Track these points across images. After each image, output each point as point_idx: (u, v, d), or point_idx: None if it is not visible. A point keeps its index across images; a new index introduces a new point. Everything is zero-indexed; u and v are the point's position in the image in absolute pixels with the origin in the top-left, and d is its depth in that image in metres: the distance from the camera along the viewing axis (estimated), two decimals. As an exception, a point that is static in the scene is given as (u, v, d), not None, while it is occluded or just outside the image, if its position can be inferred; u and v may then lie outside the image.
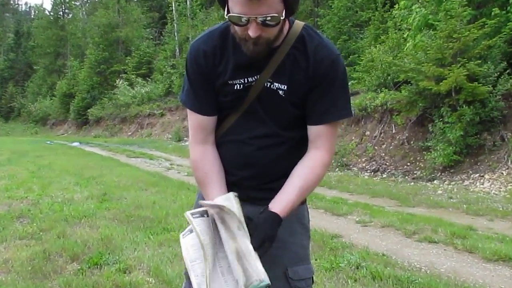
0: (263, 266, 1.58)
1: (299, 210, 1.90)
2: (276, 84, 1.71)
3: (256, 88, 1.72)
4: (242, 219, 1.57)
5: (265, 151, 1.79)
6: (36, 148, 21.77)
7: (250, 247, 1.53)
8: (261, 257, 1.55)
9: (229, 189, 1.78)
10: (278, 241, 1.68)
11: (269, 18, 1.50)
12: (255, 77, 1.71)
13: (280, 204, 1.67)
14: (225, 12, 1.57)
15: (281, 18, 1.53)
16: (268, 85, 1.72)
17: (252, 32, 1.54)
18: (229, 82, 1.74)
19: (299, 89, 1.72)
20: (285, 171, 1.78)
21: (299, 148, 1.80)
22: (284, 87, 1.71)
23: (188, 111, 1.86)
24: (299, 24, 1.75)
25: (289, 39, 1.70)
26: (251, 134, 1.79)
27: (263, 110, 1.75)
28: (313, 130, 1.77)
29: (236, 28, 1.60)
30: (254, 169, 1.82)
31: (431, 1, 11.71)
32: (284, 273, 1.81)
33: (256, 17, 1.50)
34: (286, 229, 1.73)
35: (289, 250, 1.84)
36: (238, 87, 1.74)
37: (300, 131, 1.79)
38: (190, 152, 1.89)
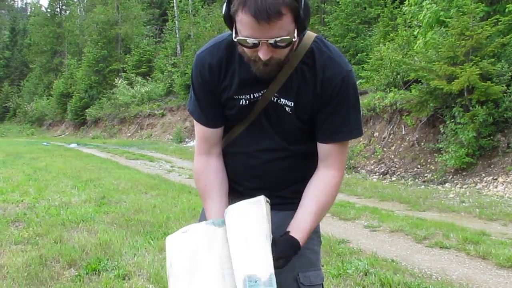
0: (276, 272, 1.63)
1: None
2: (283, 100, 1.72)
3: (262, 102, 1.73)
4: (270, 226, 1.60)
5: (271, 164, 1.82)
6: (32, 150, 21.81)
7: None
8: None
9: (237, 198, 1.79)
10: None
11: (280, 40, 1.48)
12: (261, 91, 1.71)
13: (298, 231, 1.69)
14: (234, 34, 1.54)
15: (293, 39, 1.51)
16: (275, 100, 1.72)
17: (262, 54, 1.52)
18: (235, 97, 1.75)
19: (307, 106, 1.73)
20: (292, 181, 1.83)
21: (307, 160, 1.83)
22: (291, 103, 1.71)
23: (195, 123, 1.88)
24: (310, 36, 1.72)
25: (298, 53, 1.68)
26: (257, 147, 1.81)
27: (269, 124, 1.77)
28: (323, 148, 1.78)
29: (245, 49, 1.57)
30: (261, 181, 1.86)
31: (443, -3, 11.69)
32: (295, 279, 1.83)
33: (266, 40, 1.48)
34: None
35: (301, 254, 1.81)
36: (243, 102, 1.75)
37: (308, 145, 1.81)
38: (194, 162, 1.92)
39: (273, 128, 1.77)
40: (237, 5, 1.46)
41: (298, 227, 1.70)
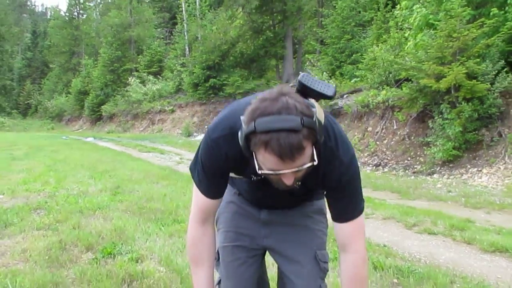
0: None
1: (321, 203, 2.04)
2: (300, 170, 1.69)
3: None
4: None
5: (281, 204, 1.94)
6: (52, 143, 21.84)
7: None
8: None
9: (254, 204, 1.95)
10: (307, 228, 1.78)
11: (303, 168, 1.44)
12: None
13: None
14: (257, 167, 1.47)
15: (314, 163, 1.45)
16: None
17: (287, 181, 1.48)
18: (246, 177, 1.77)
19: (312, 185, 1.73)
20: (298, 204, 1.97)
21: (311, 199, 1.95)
22: (298, 183, 1.63)
23: (195, 187, 1.87)
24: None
25: None
26: (266, 194, 1.83)
27: (277, 190, 1.71)
28: (340, 232, 1.77)
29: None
30: (271, 206, 1.98)
31: (432, 2, 11.66)
32: (314, 256, 1.95)
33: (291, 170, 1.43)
34: (313, 218, 1.84)
35: (316, 236, 1.98)
36: (254, 178, 1.73)
37: (314, 192, 1.90)
38: (188, 228, 1.91)
39: (280, 191, 1.70)
40: (259, 144, 1.38)
41: None
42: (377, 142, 12.95)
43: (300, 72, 1.66)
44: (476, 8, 11.09)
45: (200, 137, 24.74)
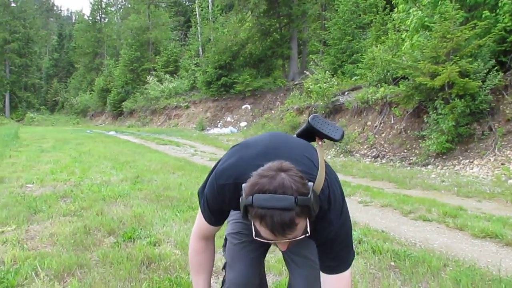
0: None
1: None
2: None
3: None
4: None
5: None
6: (77, 137, 21.94)
7: None
8: None
9: None
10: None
11: (294, 240, 1.45)
12: None
13: None
14: (254, 233, 1.49)
15: (307, 234, 1.46)
16: None
17: (281, 247, 1.51)
18: None
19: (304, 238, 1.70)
20: None
21: None
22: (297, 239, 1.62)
23: (200, 212, 1.88)
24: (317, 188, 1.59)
25: None
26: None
27: None
28: (325, 282, 1.73)
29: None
30: None
31: (427, 5, 11.57)
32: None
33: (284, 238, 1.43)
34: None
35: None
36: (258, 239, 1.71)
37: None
38: (190, 241, 1.94)
39: None
40: (255, 216, 1.41)
41: None
42: (376, 136, 12.90)
43: (311, 114, 1.65)
44: (469, 10, 11.00)
45: (212, 131, 24.80)
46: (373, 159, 11.99)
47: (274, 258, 3.67)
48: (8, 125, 36.45)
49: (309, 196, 1.39)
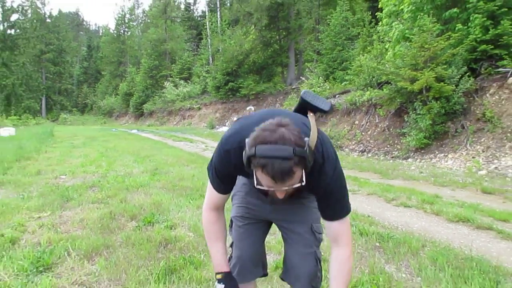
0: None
1: None
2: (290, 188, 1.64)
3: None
4: None
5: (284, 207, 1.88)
6: (104, 135, 21.99)
7: None
8: None
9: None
10: (305, 206, 1.74)
11: (292, 188, 1.45)
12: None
13: None
14: (255, 182, 1.48)
15: (303, 183, 1.45)
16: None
17: (279, 195, 1.50)
18: (249, 179, 1.72)
19: (304, 193, 1.72)
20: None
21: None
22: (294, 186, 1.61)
23: (209, 184, 1.85)
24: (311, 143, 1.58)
25: None
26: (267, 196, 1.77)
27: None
28: (331, 229, 1.72)
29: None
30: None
31: (408, 19, 11.56)
32: (311, 228, 1.93)
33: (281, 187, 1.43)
34: (309, 198, 1.79)
35: (312, 212, 1.92)
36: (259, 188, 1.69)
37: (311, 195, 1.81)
38: (203, 213, 1.90)
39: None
40: (257, 166, 1.40)
41: None
42: (362, 133, 12.87)
43: (302, 90, 1.64)
44: (444, 23, 10.98)
45: (221, 129, 24.78)
46: (360, 153, 11.96)
47: (274, 239, 3.66)
48: (44, 124, 36.52)
49: (305, 148, 1.40)
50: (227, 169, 1.71)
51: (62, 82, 61.76)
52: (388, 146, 11.55)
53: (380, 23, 14.09)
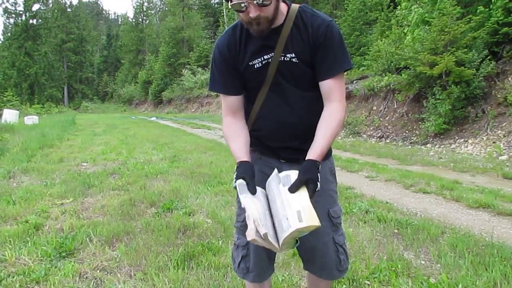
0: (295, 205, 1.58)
1: (329, 163, 1.91)
2: (288, 55, 1.63)
3: (273, 63, 1.64)
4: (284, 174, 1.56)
5: (296, 112, 1.71)
6: (124, 122, 22.22)
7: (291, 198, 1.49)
8: (311, 197, 1.50)
9: (274, 154, 1.79)
10: (321, 189, 1.65)
11: (262, 3, 1.48)
12: (270, 54, 1.64)
13: (314, 152, 1.57)
14: (229, 4, 1.52)
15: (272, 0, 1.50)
16: (283, 58, 1.64)
17: (251, 13, 1.50)
18: (250, 63, 1.68)
19: (306, 53, 1.64)
20: (311, 126, 1.67)
21: (318, 103, 1.69)
22: (293, 55, 1.63)
23: (221, 95, 1.80)
24: (295, 6, 1.67)
25: (289, 18, 1.63)
26: (283, 102, 1.71)
27: (285, 80, 1.67)
28: (324, 86, 1.66)
29: (240, 14, 1.54)
30: (289, 134, 1.74)
31: (427, 2, 11.28)
32: (327, 213, 1.84)
33: (252, 1, 1.46)
34: (323, 179, 1.68)
35: (327, 195, 1.85)
36: (257, 66, 1.67)
37: (316, 90, 1.69)
38: (223, 123, 1.82)
39: (289, 81, 1.67)
40: None
41: (313, 148, 1.59)
42: (381, 119, 12.70)
43: None
44: (465, 6, 10.68)
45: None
46: (378, 139, 11.82)
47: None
48: (66, 113, 37.10)
49: None
50: (223, 54, 1.72)
51: (83, 71, 62.56)
52: (407, 131, 11.38)
53: (399, 7, 13.78)
